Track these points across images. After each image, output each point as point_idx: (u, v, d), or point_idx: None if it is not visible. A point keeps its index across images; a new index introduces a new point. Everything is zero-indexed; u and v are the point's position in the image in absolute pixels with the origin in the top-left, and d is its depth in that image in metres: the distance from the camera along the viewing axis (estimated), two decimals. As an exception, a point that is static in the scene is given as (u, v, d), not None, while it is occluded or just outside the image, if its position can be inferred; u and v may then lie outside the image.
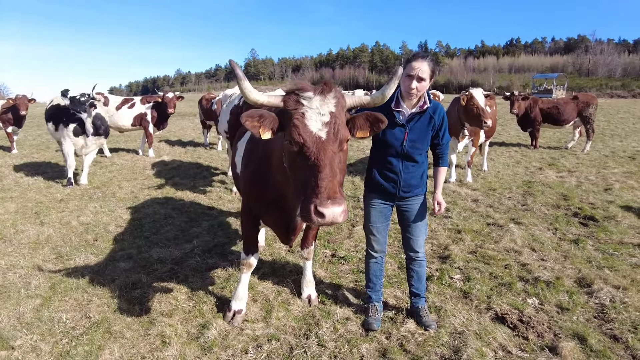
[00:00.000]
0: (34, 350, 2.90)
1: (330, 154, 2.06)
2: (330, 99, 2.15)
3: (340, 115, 2.17)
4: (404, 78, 2.79)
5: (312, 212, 1.96)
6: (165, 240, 4.88)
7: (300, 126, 2.09)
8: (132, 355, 2.85)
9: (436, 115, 2.93)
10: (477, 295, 3.56)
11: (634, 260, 4.24)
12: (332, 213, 1.94)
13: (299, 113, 2.11)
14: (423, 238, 3.17)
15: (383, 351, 2.87)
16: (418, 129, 2.90)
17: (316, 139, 2.07)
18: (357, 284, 3.82)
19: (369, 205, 3.14)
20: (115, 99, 10.40)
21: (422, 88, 2.78)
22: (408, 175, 2.97)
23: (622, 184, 7.29)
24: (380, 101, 2.36)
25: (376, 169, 3.04)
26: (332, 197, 1.96)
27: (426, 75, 2.73)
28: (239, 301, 3.30)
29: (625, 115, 21.77)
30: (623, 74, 69.27)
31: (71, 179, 7.38)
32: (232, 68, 2.18)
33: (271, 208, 2.92)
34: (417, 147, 2.92)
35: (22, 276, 3.98)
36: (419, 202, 3.08)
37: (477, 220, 5.51)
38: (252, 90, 2.22)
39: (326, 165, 2.02)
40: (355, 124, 2.30)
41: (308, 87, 2.20)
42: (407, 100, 2.87)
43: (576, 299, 3.50)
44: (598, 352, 2.81)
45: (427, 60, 2.75)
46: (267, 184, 2.81)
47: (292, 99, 2.17)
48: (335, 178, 2.05)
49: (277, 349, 2.90)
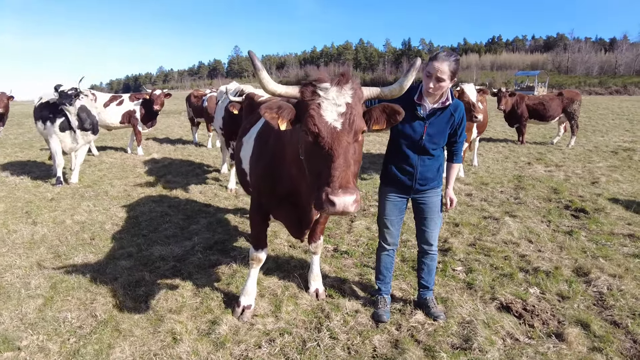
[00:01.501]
0: (41, 351, 2.84)
1: (345, 144, 2.07)
2: (347, 90, 2.15)
3: (356, 106, 2.17)
4: (424, 76, 2.80)
5: (324, 200, 1.97)
6: (165, 238, 4.83)
7: (315, 116, 2.10)
8: (143, 353, 2.82)
9: (457, 114, 2.94)
10: (480, 286, 3.64)
11: (626, 250, 4.39)
12: (343, 202, 1.95)
13: (315, 104, 2.12)
14: (437, 232, 3.20)
15: (395, 342, 2.91)
16: (437, 125, 2.91)
17: (331, 129, 2.08)
18: (362, 278, 3.86)
19: (384, 198, 3.14)
20: (103, 96, 10.19)
21: (440, 88, 2.77)
22: (424, 168, 2.97)
23: (608, 178, 7.52)
24: (397, 93, 2.36)
25: (392, 163, 3.04)
26: (345, 186, 1.97)
27: (446, 75, 2.72)
28: (248, 296, 3.30)
29: (605, 111, 22.41)
30: (600, 71, 71.25)
31: (60, 178, 7.21)
32: (250, 59, 2.18)
33: (283, 202, 2.92)
34: (434, 142, 2.93)
35: (20, 276, 3.89)
36: (435, 195, 3.09)
37: (473, 214, 5.61)
38: (270, 80, 2.21)
39: (340, 155, 2.04)
40: (372, 116, 2.31)
41: (325, 77, 2.20)
42: (430, 96, 2.87)
43: (575, 288, 3.61)
44: (601, 338, 2.91)
45: (449, 60, 2.72)
46: (280, 178, 2.81)
47: (309, 90, 2.18)
48: (349, 168, 2.06)
49: (290, 343, 2.91)
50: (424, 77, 2.80)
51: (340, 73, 2.21)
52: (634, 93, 49.70)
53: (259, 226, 3.18)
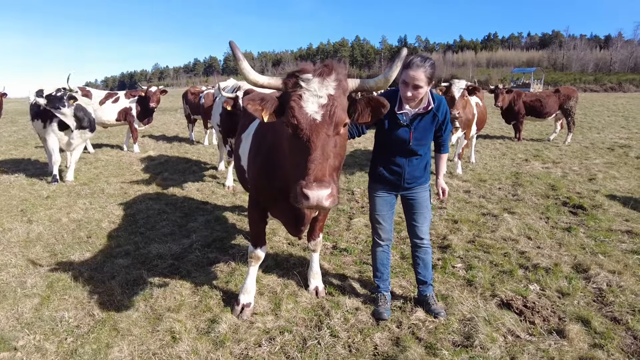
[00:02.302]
0: (38, 351, 2.80)
1: (324, 136, 2.04)
2: (330, 81, 2.11)
3: (339, 98, 2.13)
4: (401, 84, 2.79)
5: (298, 193, 1.94)
6: (162, 236, 4.78)
7: (295, 107, 2.06)
8: (142, 352, 2.79)
9: (440, 113, 2.95)
10: (480, 283, 3.63)
11: (624, 246, 4.40)
12: (316, 196, 1.91)
13: (297, 94, 2.09)
14: (427, 225, 3.21)
15: (396, 340, 2.90)
16: (422, 128, 2.93)
17: (311, 121, 2.04)
18: (362, 275, 3.84)
19: (373, 195, 3.16)
20: (98, 93, 10.09)
21: (419, 95, 2.77)
22: (412, 168, 3.02)
23: (605, 174, 7.54)
24: (382, 84, 2.30)
25: (380, 164, 3.07)
26: (320, 179, 1.94)
27: (422, 82, 2.70)
28: (247, 294, 3.27)
29: (600, 108, 22.51)
30: (595, 68, 71.61)
31: (56, 176, 7.13)
32: (231, 49, 2.12)
33: (280, 199, 2.89)
34: (422, 144, 2.97)
35: (15, 275, 3.84)
36: (423, 190, 3.13)
37: (471, 211, 5.61)
38: (251, 70, 2.17)
39: (317, 148, 2.00)
40: (356, 108, 2.26)
41: (309, 68, 2.16)
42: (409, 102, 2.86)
43: (575, 284, 3.61)
44: (602, 334, 2.91)
45: (424, 67, 2.68)
46: (276, 175, 2.78)
47: (292, 81, 2.14)
48: (327, 161, 2.02)
49: (290, 341, 2.89)
50: (401, 85, 2.79)
51: (324, 64, 2.17)
52: (629, 90, 49.98)
53: (257, 223, 3.15)
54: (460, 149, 7.77)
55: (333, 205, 2.00)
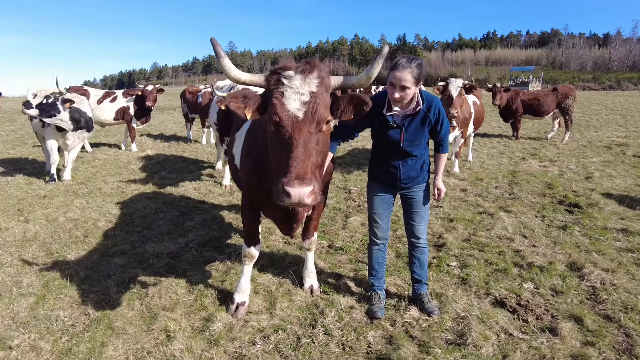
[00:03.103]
0: (33, 350, 2.81)
1: (306, 134, 2.05)
2: (313, 78, 2.12)
3: (322, 95, 2.14)
4: (388, 85, 2.79)
5: (280, 190, 1.95)
6: (159, 235, 4.79)
7: (277, 104, 2.07)
8: (137, 351, 2.80)
9: (431, 112, 2.92)
10: (475, 282, 3.64)
11: (619, 245, 4.41)
12: (298, 193, 1.92)
13: (279, 92, 2.10)
14: (425, 225, 3.22)
15: (389, 338, 2.91)
16: (414, 129, 2.91)
17: (293, 118, 2.05)
18: (357, 274, 3.86)
19: (371, 193, 3.18)
20: (96, 93, 10.08)
21: (407, 95, 2.76)
22: (407, 169, 3.01)
23: (602, 173, 7.56)
24: (364, 82, 2.30)
25: (376, 164, 3.11)
26: (301, 177, 1.94)
27: (409, 83, 2.69)
28: (241, 293, 3.28)
29: (598, 107, 22.53)
30: (594, 67, 71.64)
31: (54, 175, 7.14)
32: (212, 46, 2.12)
33: (271, 198, 2.90)
34: (414, 145, 2.95)
35: (11, 275, 3.84)
36: (422, 189, 3.12)
37: (467, 209, 5.62)
38: (232, 67, 2.17)
39: (299, 145, 2.01)
40: (339, 106, 2.27)
41: (291, 66, 2.18)
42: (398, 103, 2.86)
43: (569, 282, 3.62)
44: (595, 332, 2.92)
45: (410, 67, 2.68)
46: (268, 174, 2.79)
47: (274, 78, 2.16)
48: (309, 159, 2.03)
49: (284, 339, 2.90)
50: (388, 87, 2.79)
51: (306, 61, 2.19)
52: (627, 88, 49.99)
53: (251, 222, 3.16)
54: (458, 148, 7.78)
55: (315, 202, 2.01)
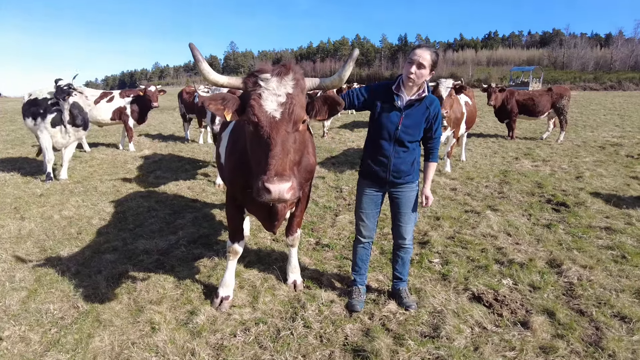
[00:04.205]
0: (22, 340, 2.93)
1: (283, 133, 2.16)
2: (288, 80, 2.24)
3: (297, 96, 2.26)
4: (406, 64, 2.89)
5: (260, 187, 2.05)
6: (150, 233, 4.90)
7: (256, 106, 2.18)
8: (122, 342, 2.91)
9: (432, 107, 3.00)
10: (455, 277, 3.73)
11: (601, 242, 4.50)
12: (278, 189, 2.03)
13: (256, 94, 2.21)
14: (412, 227, 3.27)
15: (366, 330, 3.01)
16: (413, 116, 2.96)
17: (270, 118, 2.16)
18: (341, 270, 3.95)
19: (361, 192, 3.23)
20: (93, 93, 10.20)
21: (420, 75, 2.84)
22: (398, 160, 3.02)
23: (592, 172, 7.63)
24: (337, 83, 2.44)
25: (368, 154, 3.12)
26: (280, 174, 2.06)
27: (427, 63, 2.81)
28: (226, 288, 3.38)
29: (597, 107, 22.54)
30: (595, 67, 71.50)
31: (50, 174, 7.26)
32: (191, 51, 2.23)
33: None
34: (409, 134, 2.97)
35: (5, 270, 3.95)
36: (411, 190, 3.15)
37: (455, 208, 5.71)
38: (210, 71, 2.28)
39: (277, 144, 2.12)
40: (314, 106, 2.42)
41: (267, 69, 2.29)
42: (407, 88, 2.94)
43: (547, 279, 3.71)
44: (565, 325, 3.02)
45: (430, 50, 2.84)
46: (250, 171, 2.88)
47: (251, 81, 2.27)
48: (287, 157, 2.15)
49: (264, 332, 3.00)
50: (406, 65, 2.88)
51: (282, 64, 2.30)
52: (628, 89, 49.90)
53: (235, 219, 3.27)
54: (450, 148, 7.86)
55: (294, 197, 2.12)
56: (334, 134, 13.25)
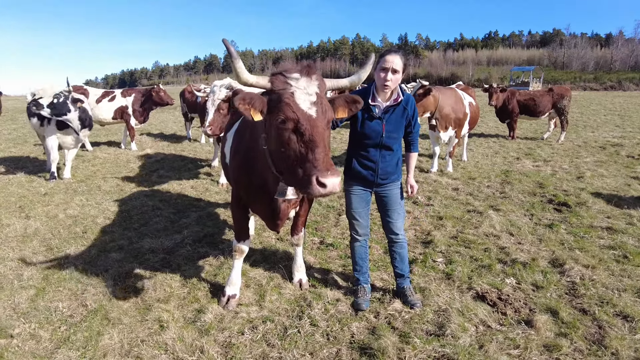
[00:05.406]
0: (33, 338, 2.96)
1: (322, 130, 2.21)
2: (314, 80, 2.30)
3: (324, 95, 2.34)
4: (378, 72, 2.98)
5: (314, 183, 2.08)
6: (155, 232, 4.94)
7: (292, 104, 2.20)
8: (131, 340, 2.94)
9: (409, 106, 3.15)
10: (458, 277, 3.77)
11: (602, 242, 4.54)
12: (332, 183, 2.08)
13: (289, 92, 2.23)
14: (402, 221, 3.36)
15: (372, 329, 3.05)
16: (394, 120, 3.10)
17: (309, 116, 2.20)
18: (346, 269, 3.99)
19: (349, 192, 3.31)
20: (95, 92, 10.23)
21: (396, 80, 2.97)
22: (385, 163, 3.17)
23: (593, 172, 7.67)
24: (357, 84, 2.55)
25: (355, 159, 3.22)
26: (330, 169, 2.11)
27: (399, 67, 2.93)
28: (232, 286, 3.42)
29: (597, 107, 22.57)
30: (595, 67, 71.47)
31: (54, 173, 7.29)
32: (226, 47, 2.26)
33: (258, 195, 3.03)
34: (393, 137, 3.13)
35: (12, 268, 3.99)
36: (395, 187, 3.29)
37: (457, 208, 5.75)
38: (244, 70, 2.30)
39: (321, 141, 2.17)
40: (335, 105, 2.48)
41: (294, 68, 2.33)
42: (382, 94, 3.06)
43: (550, 278, 3.75)
44: (568, 324, 3.06)
45: (399, 54, 2.95)
46: (254, 171, 2.92)
47: (280, 80, 2.29)
48: (329, 152, 2.21)
49: (272, 330, 3.04)
50: (378, 73, 2.98)
51: (306, 64, 2.35)
52: (629, 89, 49.88)
53: (240, 219, 3.31)
54: (452, 148, 7.90)
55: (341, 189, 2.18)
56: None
